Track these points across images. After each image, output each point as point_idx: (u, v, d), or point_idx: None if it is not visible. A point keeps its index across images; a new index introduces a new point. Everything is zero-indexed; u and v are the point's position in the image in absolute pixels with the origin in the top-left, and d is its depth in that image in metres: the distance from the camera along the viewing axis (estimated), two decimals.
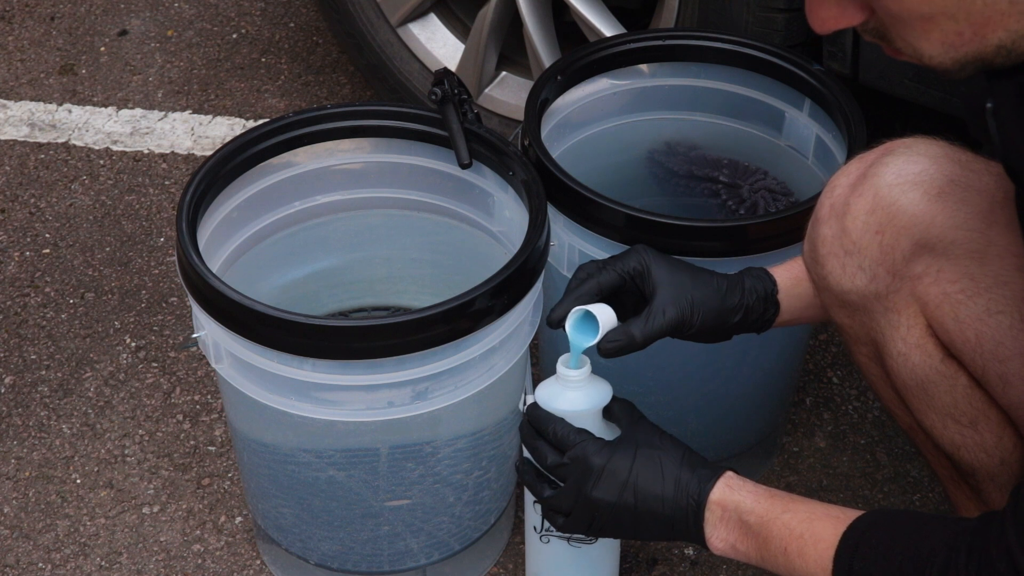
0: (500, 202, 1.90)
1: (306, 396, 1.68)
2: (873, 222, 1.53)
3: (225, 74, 2.88)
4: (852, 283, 1.57)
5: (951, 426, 1.59)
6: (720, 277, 1.69)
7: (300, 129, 1.89)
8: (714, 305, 1.66)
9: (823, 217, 1.59)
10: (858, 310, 1.60)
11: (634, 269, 1.67)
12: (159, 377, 2.25)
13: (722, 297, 1.67)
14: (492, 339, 1.69)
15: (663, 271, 1.66)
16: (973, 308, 1.51)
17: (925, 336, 1.56)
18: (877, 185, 1.53)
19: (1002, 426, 1.58)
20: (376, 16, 2.56)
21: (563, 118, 2.03)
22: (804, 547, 1.46)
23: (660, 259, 1.67)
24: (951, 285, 1.52)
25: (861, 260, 1.55)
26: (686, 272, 1.68)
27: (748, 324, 1.70)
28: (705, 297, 1.66)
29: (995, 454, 1.59)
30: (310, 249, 2.02)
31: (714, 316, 1.67)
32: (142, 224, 2.53)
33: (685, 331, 1.67)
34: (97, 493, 2.09)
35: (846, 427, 2.18)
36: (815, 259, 1.60)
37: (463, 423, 1.79)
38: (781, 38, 2.11)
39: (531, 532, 1.77)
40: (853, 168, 1.58)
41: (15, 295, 2.40)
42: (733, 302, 1.67)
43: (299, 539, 1.89)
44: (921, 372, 1.57)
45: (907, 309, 1.56)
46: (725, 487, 1.55)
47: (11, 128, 2.75)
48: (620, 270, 1.67)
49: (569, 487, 1.59)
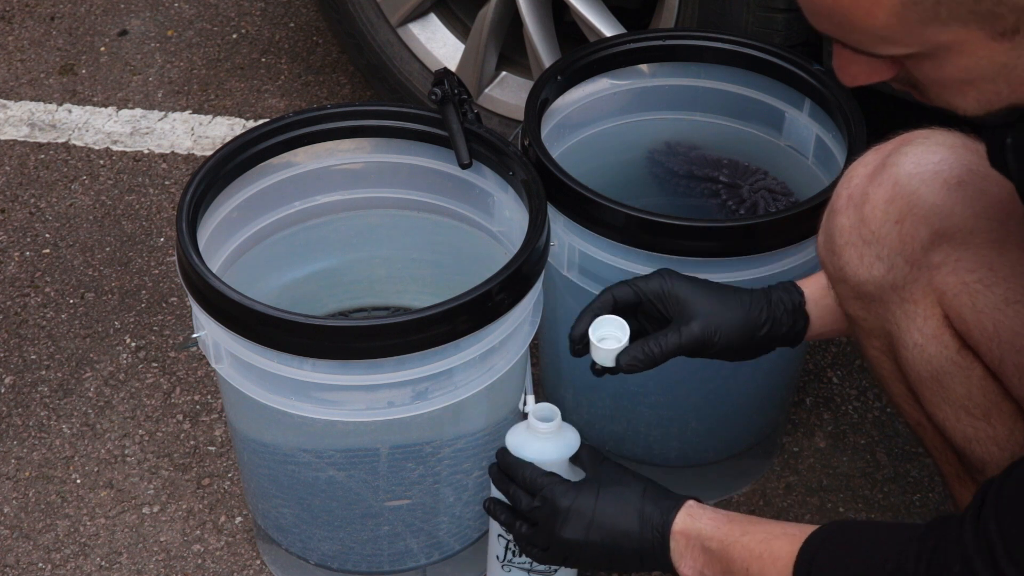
0: (500, 202, 1.90)
1: (306, 396, 1.68)
2: (893, 211, 1.53)
3: (225, 74, 2.88)
4: (869, 273, 1.57)
5: (964, 419, 1.59)
6: (744, 292, 1.69)
7: (300, 129, 1.89)
8: (737, 319, 1.67)
9: (840, 207, 1.58)
10: (874, 301, 1.59)
11: (653, 290, 1.68)
12: (159, 377, 2.25)
13: (746, 311, 1.68)
14: (492, 339, 1.69)
15: (686, 289, 1.68)
16: (991, 297, 1.51)
17: (942, 327, 1.56)
18: (896, 175, 1.53)
19: (1015, 419, 1.58)
20: (376, 16, 2.56)
21: (563, 118, 2.03)
22: (764, 567, 1.48)
23: (682, 278, 1.69)
24: (969, 274, 1.52)
25: (879, 250, 1.55)
26: (708, 289, 1.69)
27: (779, 338, 1.70)
28: (728, 312, 1.67)
29: (1007, 447, 1.59)
30: (310, 249, 2.02)
31: (739, 331, 1.67)
32: (142, 224, 2.53)
33: (709, 347, 1.68)
34: (97, 493, 2.09)
35: (846, 427, 2.18)
36: (831, 250, 1.60)
37: (463, 423, 1.79)
38: (781, 38, 2.11)
39: (493, 560, 1.80)
40: (871, 158, 1.58)
41: (15, 295, 2.40)
42: (758, 316, 1.68)
43: (299, 539, 1.89)
44: (937, 363, 1.57)
45: (924, 299, 1.55)
46: (687, 516, 1.58)
47: (11, 128, 2.75)
48: (637, 288, 1.69)
49: (541, 528, 1.64)
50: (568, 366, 2.04)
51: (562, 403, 2.07)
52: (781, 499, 2.09)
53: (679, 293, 1.67)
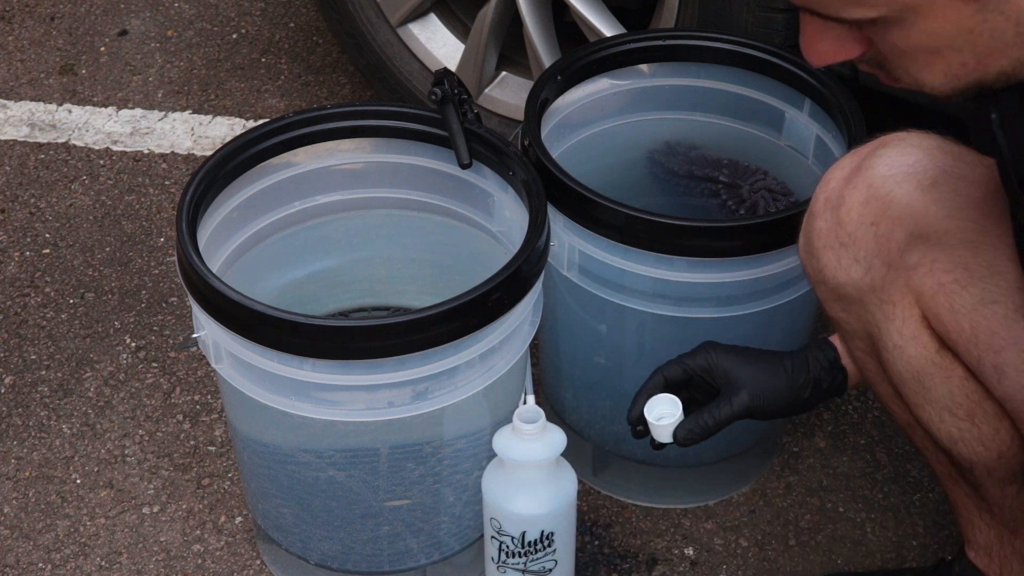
0: (500, 202, 1.90)
1: (306, 396, 1.68)
2: (868, 213, 1.54)
3: (225, 74, 2.88)
4: (848, 275, 1.58)
5: (948, 419, 1.59)
6: (786, 357, 1.73)
7: (300, 129, 1.89)
8: (783, 386, 1.71)
9: (818, 211, 1.59)
10: (854, 303, 1.60)
11: (700, 365, 1.72)
12: (159, 377, 2.25)
13: (790, 377, 1.71)
14: (492, 339, 1.69)
15: (731, 361, 1.71)
16: (968, 298, 1.52)
17: (920, 328, 1.56)
18: (871, 177, 1.54)
19: (999, 418, 1.58)
20: (376, 16, 2.56)
21: (563, 118, 2.03)
22: None
23: (727, 350, 1.72)
24: (946, 275, 1.53)
25: (856, 252, 1.56)
26: (754, 358, 1.72)
27: (821, 395, 1.74)
28: (773, 379, 1.71)
29: (992, 447, 1.60)
30: (310, 249, 2.02)
31: (784, 395, 1.71)
32: (142, 224, 2.53)
33: (757, 413, 1.72)
34: (97, 493, 2.09)
35: (846, 427, 2.18)
36: (810, 253, 1.61)
37: (463, 423, 1.79)
38: (781, 38, 2.11)
39: (489, 562, 1.81)
40: (847, 162, 1.59)
41: (15, 295, 2.40)
42: (801, 380, 1.72)
43: (299, 539, 1.89)
44: (917, 364, 1.58)
45: (902, 301, 1.56)
46: None
47: (11, 128, 2.75)
48: (685, 365, 1.73)
49: None
50: (568, 366, 2.04)
51: (562, 403, 2.08)
52: (781, 499, 2.09)
53: (724, 365, 1.71)
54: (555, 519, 1.76)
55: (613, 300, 1.86)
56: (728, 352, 1.72)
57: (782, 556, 2.01)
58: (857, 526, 2.05)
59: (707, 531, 2.04)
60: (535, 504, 1.74)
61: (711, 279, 1.82)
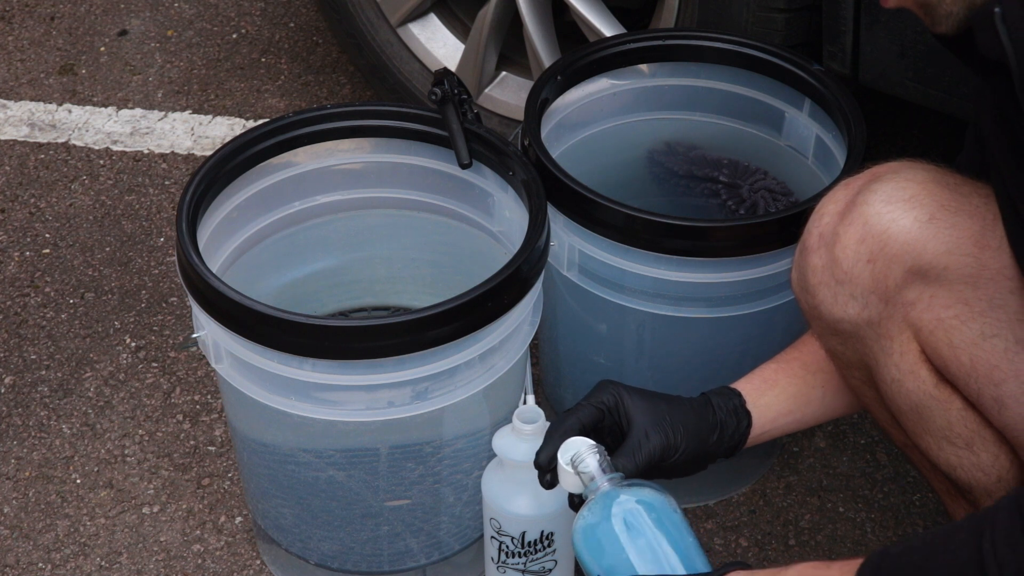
0: (500, 202, 1.90)
1: (306, 396, 1.68)
2: (864, 251, 1.52)
3: (225, 74, 2.88)
4: (844, 312, 1.56)
5: (947, 448, 1.59)
6: (690, 399, 1.66)
7: (300, 129, 1.89)
8: (692, 424, 1.64)
9: (812, 246, 1.57)
10: (850, 337, 1.59)
11: (606, 402, 1.63)
12: (159, 377, 2.25)
13: (698, 415, 1.65)
14: (492, 339, 1.69)
15: (636, 400, 1.63)
16: (967, 333, 1.51)
17: (918, 362, 1.55)
18: (867, 213, 1.51)
19: (998, 445, 1.57)
20: (376, 16, 2.56)
21: (563, 118, 2.03)
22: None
23: (630, 390, 1.64)
24: (945, 311, 1.51)
25: (853, 289, 1.54)
26: (659, 398, 1.65)
27: (725, 440, 1.66)
28: (683, 417, 1.63)
29: (992, 472, 1.59)
30: (310, 249, 2.02)
31: (695, 436, 1.64)
32: (142, 224, 2.53)
33: (671, 455, 1.62)
34: (97, 493, 2.09)
35: (846, 427, 2.18)
36: (805, 288, 1.59)
37: (463, 423, 1.79)
38: (781, 38, 2.11)
39: (489, 562, 1.81)
40: (840, 195, 1.56)
41: (15, 295, 2.40)
42: (709, 420, 1.65)
43: (299, 539, 1.89)
44: (915, 397, 1.57)
45: (900, 335, 1.55)
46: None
47: (11, 128, 2.75)
48: (596, 403, 1.63)
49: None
50: (568, 366, 2.04)
51: (562, 403, 2.08)
52: (781, 499, 2.09)
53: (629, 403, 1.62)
54: (555, 519, 1.76)
55: (613, 300, 1.86)
56: (630, 389, 1.64)
57: (782, 556, 2.01)
58: (857, 526, 2.05)
59: (707, 531, 2.04)
60: (535, 504, 1.74)
61: (711, 279, 1.82)
